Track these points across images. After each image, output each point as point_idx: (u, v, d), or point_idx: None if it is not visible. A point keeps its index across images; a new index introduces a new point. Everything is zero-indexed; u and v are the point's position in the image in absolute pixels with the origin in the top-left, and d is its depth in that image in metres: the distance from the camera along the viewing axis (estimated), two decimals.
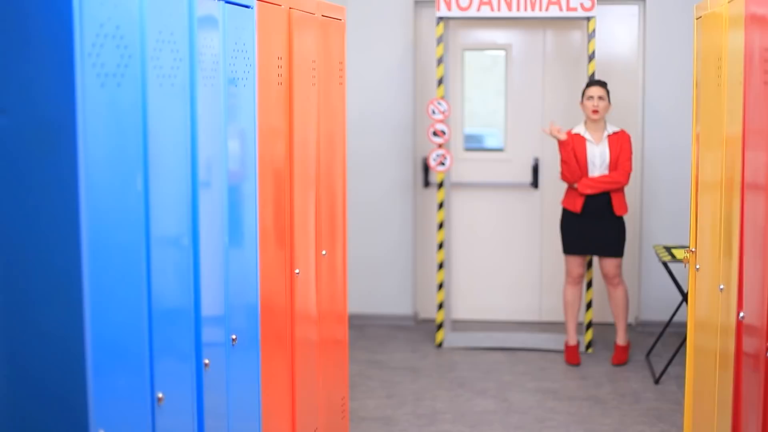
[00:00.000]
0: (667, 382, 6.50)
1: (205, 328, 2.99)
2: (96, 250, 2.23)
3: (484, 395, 6.27)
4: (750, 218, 3.40)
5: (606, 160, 6.81)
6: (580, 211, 6.85)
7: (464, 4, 7.08)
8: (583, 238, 6.91)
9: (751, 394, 3.32)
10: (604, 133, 6.85)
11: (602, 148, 6.82)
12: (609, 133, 6.84)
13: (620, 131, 6.88)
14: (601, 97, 6.80)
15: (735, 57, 3.64)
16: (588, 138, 6.83)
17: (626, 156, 6.80)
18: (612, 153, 6.79)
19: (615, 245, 6.91)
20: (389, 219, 7.76)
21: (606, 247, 6.90)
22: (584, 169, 6.81)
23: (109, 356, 2.31)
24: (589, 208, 6.84)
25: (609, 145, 6.81)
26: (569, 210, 6.92)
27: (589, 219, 6.86)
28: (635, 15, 7.81)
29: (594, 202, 6.83)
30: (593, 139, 6.83)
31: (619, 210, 6.84)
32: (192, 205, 2.87)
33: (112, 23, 2.29)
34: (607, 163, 6.81)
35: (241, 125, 3.39)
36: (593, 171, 6.82)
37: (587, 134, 6.84)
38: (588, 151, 6.81)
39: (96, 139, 2.23)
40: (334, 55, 4.59)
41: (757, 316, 3.21)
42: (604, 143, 6.82)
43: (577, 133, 6.87)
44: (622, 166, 6.78)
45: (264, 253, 3.65)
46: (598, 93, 6.80)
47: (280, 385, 3.98)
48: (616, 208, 6.83)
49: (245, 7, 3.39)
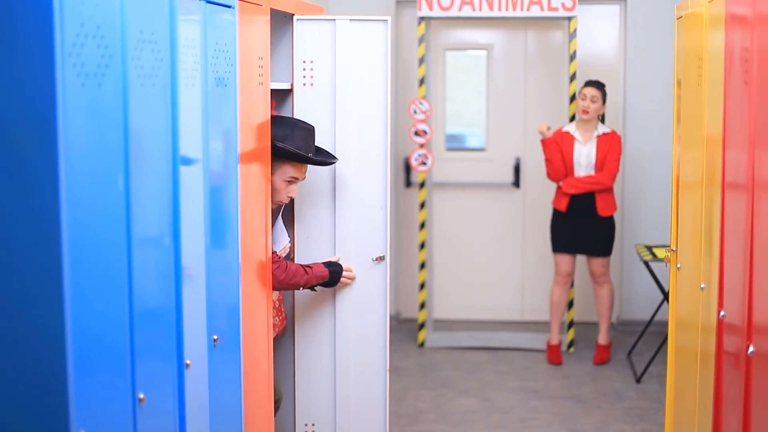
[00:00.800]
0: (649, 380, 6.53)
1: (187, 329, 2.99)
2: (77, 250, 2.22)
3: (467, 395, 6.27)
4: (730, 217, 3.41)
5: (592, 160, 6.81)
6: (566, 209, 6.86)
7: (446, 3, 7.09)
8: (571, 236, 6.92)
9: (731, 392, 3.33)
10: (594, 133, 6.85)
11: (589, 149, 6.82)
12: (599, 134, 6.85)
13: (611, 132, 6.88)
14: (594, 99, 6.79)
15: (715, 56, 3.65)
16: (577, 137, 6.84)
17: (613, 158, 6.80)
18: (599, 154, 6.80)
19: (602, 244, 6.92)
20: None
21: (593, 246, 6.91)
22: (570, 168, 6.82)
23: (90, 356, 2.30)
24: (575, 207, 6.86)
25: (597, 146, 6.81)
26: (557, 209, 6.94)
27: (576, 218, 6.87)
28: (616, 15, 7.83)
29: (579, 201, 6.84)
30: (582, 139, 6.83)
31: (603, 210, 6.84)
32: (173, 205, 2.86)
33: (92, 23, 2.28)
34: (592, 163, 6.81)
35: (223, 125, 3.38)
36: (578, 170, 6.83)
37: (576, 133, 6.85)
38: (575, 150, 6.82)
39: (77, 139, 2.22)
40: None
41: (738, 314, 3.22)
42: (592, 143, 6.83)
43: (566, 132, 6.87)
44: (608, 167, 6.79)
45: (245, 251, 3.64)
46: (591, 93, 6.80)
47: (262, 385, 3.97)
48: (600, 208, 6.83)
49: (226, 7, 3.39)
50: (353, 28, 4.37)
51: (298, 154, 4.13)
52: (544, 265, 7.97)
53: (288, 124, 4.18)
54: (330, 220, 4.49)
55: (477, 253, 8.10)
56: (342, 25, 4.35)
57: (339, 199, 4.48)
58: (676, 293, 4.58)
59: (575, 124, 6.90)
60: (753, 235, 3.03)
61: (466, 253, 8.09)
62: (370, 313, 4.51)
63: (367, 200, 4.48)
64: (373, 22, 4.37)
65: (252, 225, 3.75)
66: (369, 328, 4.51)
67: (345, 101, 4.38)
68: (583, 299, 7.82)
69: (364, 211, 4.49)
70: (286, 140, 4.13)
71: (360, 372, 4.52)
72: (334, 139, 4.39)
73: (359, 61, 4.40)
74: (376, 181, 4.49)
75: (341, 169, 4.35)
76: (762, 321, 2.94)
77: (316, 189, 4.43)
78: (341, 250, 4.44)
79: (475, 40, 8.14)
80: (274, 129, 4.11)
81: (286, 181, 4.19)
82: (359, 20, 4.37)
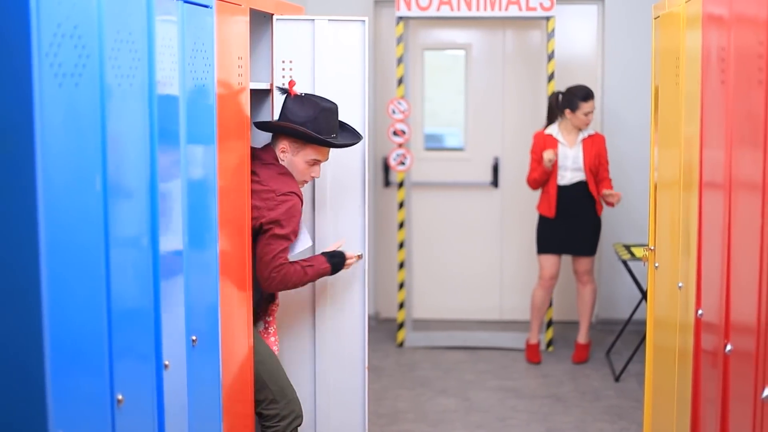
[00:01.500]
0: (628, 379, 6.55)
1: (165, 329, 2.98)
2: (54, 251, 2.21)
3: (446, 394, 6.28)
4: (708, 217, 3.42)
5: (579, 163, 6.79)
6: (554, 215, 6.85)
7: (424, 3, 7.09)
8: (560, 237, 6.91)
9: (709, 390, 3.34)
10: (579, 136, 6.84)
11: (575, 152, 6.81)
12: (584, 137, 6.84)
13: (595, 134, 6.86)
14: (593, 110, 6.80)
15: (692, 56, 3.66)
16: (560, 140, 6.82)
17: (605, 160, 6.85)
18: (586, 157, 6.78)
19: (590, 243, 6.92)
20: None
21: (581, 245, 6.91)
22: (554, 172, 6.81)
23: (68, 358, 2.29)
24: (564, 209, 6.84)
25: (583, 149, 6.80)
26: (544, 215, 6.92)
27: (565, 219, 6.86)
28: (594, 15, 7.85)
29: (568, 203, 6.81)
30: (566, 142, 6.82)
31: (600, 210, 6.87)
32: (151, 206, 2.85)
33: (69, 23, 2.28)
34: (579, 166, 6.79)
35: (202, 125, 3.37)
36: (564, 173, 6.81)
37: (560, 136, 6.83)
38: (560, 153, 6.81)
39: (54, 140, 2.21)
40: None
41: (716, 313, 3.23)
42: (578, 147, 6.81)
43: (549, 134, 6.86)
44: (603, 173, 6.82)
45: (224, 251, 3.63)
46: (594, 107, 6.79)
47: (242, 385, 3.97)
48: (599, 209, 6.86)
49: (204, 7, 3.38)
50: (331, 29, 4.37)
51: (319, 139, 4.12)
52: (522, 264, 7.98)
53: (311, 105, 4.15)
54: (309, 218, 4.49)
55: (456, 252, 8.10)
56: (320, 26, 4.35)
57: (318, 198, 4.48)
58: (655, 292, 4.59)
59: (558, 126, 6.88)
60: (730, 234, 3.05)
61: (445, 253, 8.10)
62: (348, 313, 4.51)
63: (346, 200, 4.48)
64: (350, 23, 4.37)
65: (231, 225, 3.75)
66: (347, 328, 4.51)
67: None
68: (563, 299, 7.84)
69: (343, 211, 4.49)
70: (308, 123, 4.11)
71: (339, 371, 4.52)
72: None
73: (337, 62, 4.40)
74: (355, 181, 4.49)
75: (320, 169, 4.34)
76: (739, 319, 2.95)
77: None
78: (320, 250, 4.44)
79: (453, 40, 8.15)
80: (296, 109, 4.13)
81: (308, 162, 4.21)
82: (337, 20, 4.37)
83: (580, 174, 6.80)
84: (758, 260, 2.67)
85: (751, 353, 2.73)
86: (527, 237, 7.80)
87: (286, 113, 4.16)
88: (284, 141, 4.20)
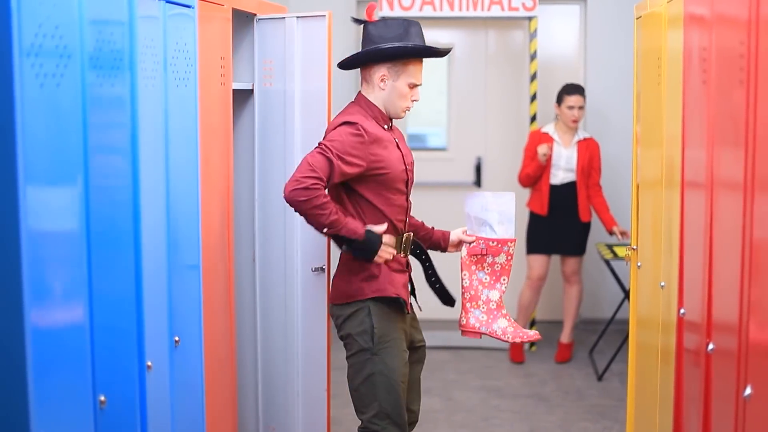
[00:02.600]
0: (610, 378, 6.56)
1: (148, 330, 2.97)
2: (36, 251, 2.21)
3: (429, 394, 6.28)
4: (690, 216, 3.43)
5: (572, 164, 6.80)
6: (547, 213, 6.86)
7: (407, 3, 7.10)
8: (550, 237, 6.92)
9: (692, 389, 3.35)
10: (574, 137, 6.84)
11: (570, 153, 6.82)
12: (579, 139, 6.85)
13: (590, 138, 6.87)
14: (581, 107, 6.80)
15: (674, 56, 3.67)
16: (556, 139, 6.83)
17: (598, 165, 6.85)
18: (580, 159, 6.78)
19: (579, 244, 6.93)
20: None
21: (570, 245, 6.92)
22: (547, 170, 6.82)
23: (50, 359, 2.29)
24: (555, 209, 6.85)
25: (578, 151, 6.81)
26: (536, 212, 6.93)
27: (556, 219, 6.87)
28: (576, 15, 7.87)
29: (560, 204, 6.82)
30: (562, 142, 6.83)
31: (585, 216, 6.84)
32: (133, 206, 2.85)
33: (51, 23, 2.27)
34: (572, 167, 6.79)
35: (183, 125, 3.37)
36: (556, 173, 6.82)
37: (556, 135, 6.84)
38: (554, 153, 6.82)
39: (35, 140, 2.20)
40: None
41: (698, 312, 3.24)
42: (573, 148, 6.82)
43: (545, 133, 6.87)
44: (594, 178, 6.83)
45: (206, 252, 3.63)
46: (579, 103, 6.79)
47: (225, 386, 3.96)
48: (582, 214, 6.83)
49: (186, 7, 3.37)
50: (299, 27, 4.32)
51: (423, 48, 3.82)
52: None
53: (395, 23, 3.83)
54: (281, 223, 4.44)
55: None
56: (290, 24, 4.32)
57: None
58: (637, 291, 4.60)
59: (554, 125, 6.89)
60: (712, 233, 3.06)
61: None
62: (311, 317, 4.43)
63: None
64: (314, 18, 4.30)
65: (213, 225, 3.74)
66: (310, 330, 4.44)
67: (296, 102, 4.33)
68: (545, 298, 7.84)
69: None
70: (403, 40, 3.81)
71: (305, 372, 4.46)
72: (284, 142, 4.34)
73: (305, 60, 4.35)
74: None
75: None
76: (721, 318, 2.96)
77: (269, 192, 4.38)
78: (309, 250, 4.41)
79: (436, 40, 8.14)
80: (382, 32, 3.82)
81: (409, 85, 3.87)
82: (304, 17, 4.33)
83: (572, 175, 6.81)
84: (740, 259, 2.68)
85: (733, 352, 2.74)
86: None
87: (374, 39, 3.84)
88: (381, 68, 3.84)
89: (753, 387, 2.57)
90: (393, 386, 3.87)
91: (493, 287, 4.21)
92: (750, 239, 2.61)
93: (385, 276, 3.96)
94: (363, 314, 3.88)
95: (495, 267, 4.21)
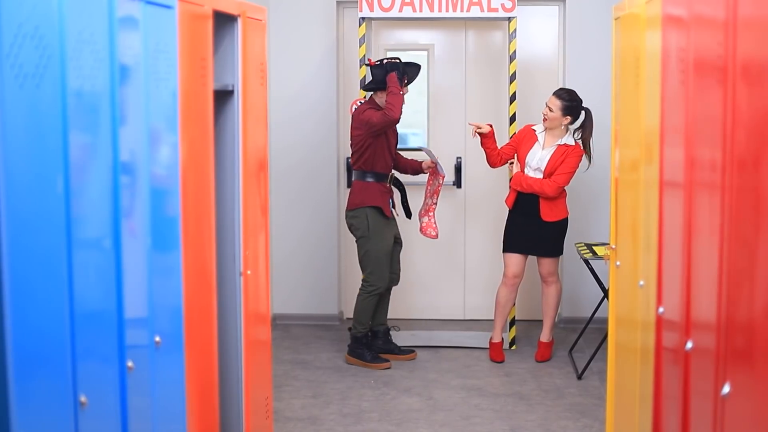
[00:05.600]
0: (590, 377, 6.59)
1: (129, 331, 2.97)
2: (16, 253, 2.20)
3: (410, 393, 6.29)
4: (668, 215, 3.45)
5: (542, 166, 6.79)
6: (512, 207, 6.90)
7: (386, 4, 7.11)
8: (520, 237, 6.93)
9: (670, 387, 3.37)
10: (557, 141, 6.83)
11: (544, 154, 6.82)
12: (560, 143, 6.86)
13: (575, 146, 6.84)
14: (551, 108, 6.79)
15: (652, 57, 3.70)
16: (539, 139, 6.85)
17: (565, 170, 6.76)
18: (551, 162, 6.77)
19: (551, 245, 6.93)
20: (314, 219, 7.79)
21: (541, 247, 6.93)
22: (521, 166, 6.85)
23: (30, 360, 2.28)
24: (521, 207, 6.87)
25: (553, 154, 6.81)
26: (509, 208, 6.97)
27: (524, 218, 6.88)
28: (555, 15, 7.89)
29: (524, 202, 6.85)
30: (543, 142, 6.84)
31: (547, 216, 6.82)
32: (114, 207, 2.84)
33: (30, 23, 2.27)
34: (542, 168, 6.80)
35: (164, 126, 3.36)
36: (527, 170, 6.83)
37: (541, 135, 6.87)
38: (531, 150, 6.84)
39: (15, 141, 2.20)
40: (255, 56, 4.56)
41: (676, 311, 3.26)
42: (550, 150, 6.82)
43: (533, 130, 6.90)
44: (556, 178, 6.76)
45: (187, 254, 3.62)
46: (551, 103, 6.80)
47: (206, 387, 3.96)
48: (544, 213, 6.82)
49: (166, 8, 3.37)
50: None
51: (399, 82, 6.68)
52: (485, 263, 8.01)
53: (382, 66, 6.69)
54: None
55: (419, 252, 8.11)
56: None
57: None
58: (616, 291, 4.63)
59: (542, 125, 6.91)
60: (690, 232, 3.08)
61: (408, 253, 8.08)
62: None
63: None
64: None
65: (194, 225, 3.74)
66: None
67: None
68: (525, 297, 7.87)
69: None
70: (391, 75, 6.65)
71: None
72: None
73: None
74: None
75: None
76: (700, 317, 2.98)
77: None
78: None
79: (415, 41, 8.17)
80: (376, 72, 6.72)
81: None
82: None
83: (539, 175, 6.82)
84: (718, 258, 2.70)
85: (712, 350, 2.76)
86: (490, 236, 7.84)
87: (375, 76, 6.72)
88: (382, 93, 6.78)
89: (731, 385, 2.59)
90: (379, 257, 6.80)
91: (430, 197, 7.11)
92: (728, 238, 2.62)
93: (376, 195, 6.76)
94: (363, 215, 6.76)
95: (436, 186, 7.08)
